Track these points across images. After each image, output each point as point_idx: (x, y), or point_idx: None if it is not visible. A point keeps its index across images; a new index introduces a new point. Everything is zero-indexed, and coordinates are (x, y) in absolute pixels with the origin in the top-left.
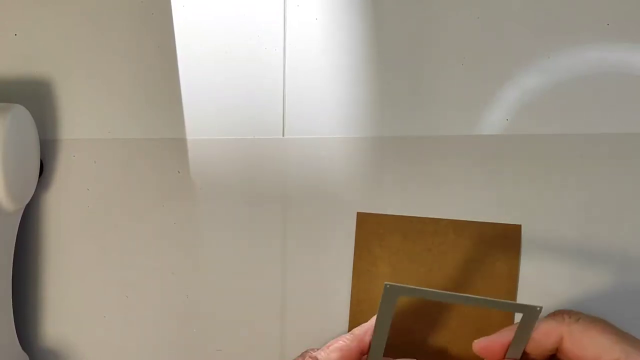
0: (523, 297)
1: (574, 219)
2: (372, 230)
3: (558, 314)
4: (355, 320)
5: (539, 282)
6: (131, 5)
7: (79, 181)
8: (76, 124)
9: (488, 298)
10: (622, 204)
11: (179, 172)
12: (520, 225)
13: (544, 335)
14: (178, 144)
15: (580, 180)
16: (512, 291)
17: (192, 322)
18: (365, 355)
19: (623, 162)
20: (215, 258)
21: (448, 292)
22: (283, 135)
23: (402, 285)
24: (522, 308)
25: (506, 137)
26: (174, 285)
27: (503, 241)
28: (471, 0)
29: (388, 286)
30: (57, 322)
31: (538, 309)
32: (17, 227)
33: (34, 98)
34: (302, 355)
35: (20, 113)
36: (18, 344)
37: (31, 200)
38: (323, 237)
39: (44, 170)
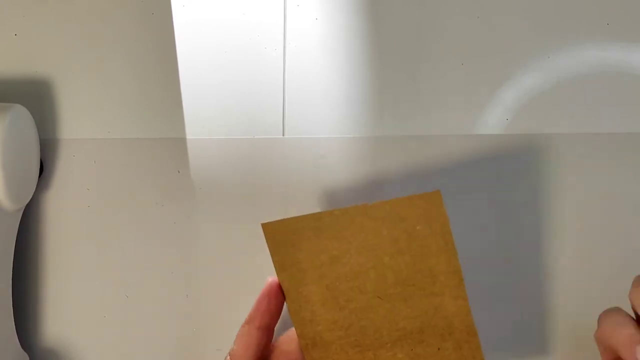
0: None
1: (574, 218)
2: (284, 238)
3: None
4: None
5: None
6: (131, 5)
7: (78, 181)
8: (76, 123)
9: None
10: (622, 204)
11: (179, 171)
12: (439, 191)
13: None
14: (178, 144)
15: (580, 180)
16: (455, 264)
17: (192, 322)
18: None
19: (623, 162)
20: (215, 258)
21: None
22: (283, 135)
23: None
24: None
25: (506, 137)
26: (174, 285)
27: (427, 213)
28: (471, 0)
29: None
30: (57, 322)
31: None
32: (17, 227)
33: (34, 98)
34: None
35: (20, 113)
36: (18, 343)
37: (31, 200)
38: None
39: (44, 170)
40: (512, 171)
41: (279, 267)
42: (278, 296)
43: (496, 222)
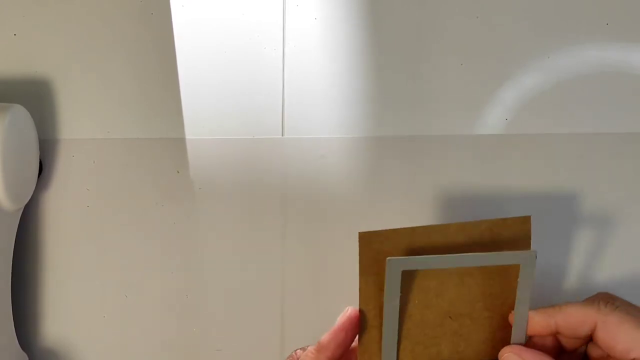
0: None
1: (574, 218)
2: (377, 250)
3: (595, 300)
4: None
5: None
6: (131, 5)
7: (78, 181)
8: (75, 123)
9: (483, 254)
10: (622, 204)
11: (178, 172)
12: (529, 217)
13: (578, 323)
14: (177, 144)
15: (580, 179)
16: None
17: (192, 322)
18: None
19: (623, 162)
20: (215, 258)
21: (447, 255)
22: (282, 135)
23: (403, 257)
24: (516, 257)
25: (506, 137)
26: (174, 285)
27: (514, 236)
28: (471, 0)
29: (390, 261)
30: (56, 322)
31: (534, 254)
32: (17, 227)
33: (34, 98)
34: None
35: (19, 113)
36: (17, 343)
37: (30, 200)
38: (323, 236)
39: (43, 170)
40: (512, 171)
41: (364, 282)
42: (355, 329)
43: None
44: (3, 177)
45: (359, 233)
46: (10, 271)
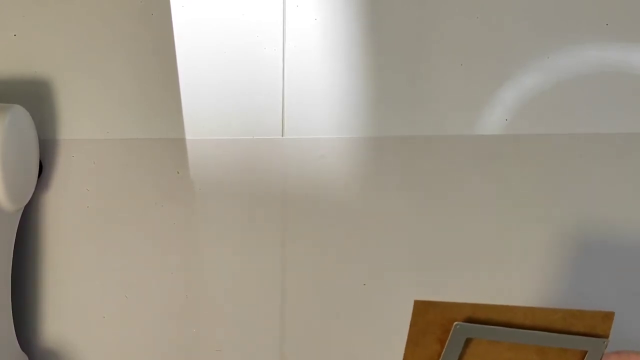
0: None
1: (574, 218)
2: (430, 321)
3: (623, 354)
4: None
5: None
6: (131, 5)
7: (78, 181)
8: (75, 124)
9: (554, 334)
10: (622, 204)
11: (178, 172)
12: (612, 313)
13: None
14: (177, 144)
15: (580, 179)
16: None
17: (192, 322)
18: None
19: (623, 162)
20: (215, 258)
21: (519, 330)
22: (282, 136)
23: (472, 324)
24: (588, 343)
25: (506, 137)
26: (174, 285)
27: (589, 332)
28: (471, 1)
29: (458, 326)
30: (56, 322)
31: (604, 342)
32: (17, 227)
33: (34, 98)
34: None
35: (19, 113)
36: (17, 344)
37: (30, 200)
38: (322, 236)
39: (43, 170)
40: (512, 171)
41: (410, 352)
42: None
43: (496, 221)
44: (3, 177)
45: (415, 301)
46: (10, 271)
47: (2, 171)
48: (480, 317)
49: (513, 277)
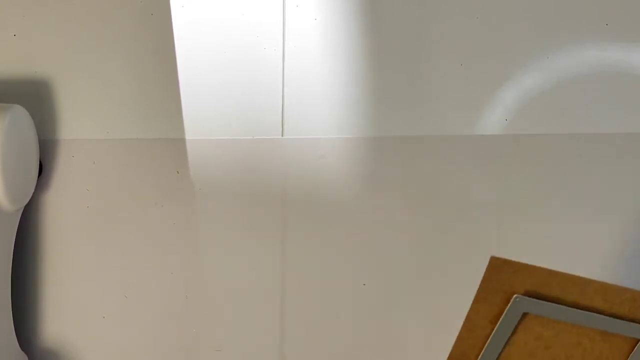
0: None
1: (574, 218)
2: (503, 281)
3: None
4: None
5: None
6: (131, 5)
7: (78, 181)
8: (75, 124)
9: (618, 320)
10: (622, 204)
11: (178, 172)
12: None
13: None
14: (177, 144)
15: (580, 179)
16: None
17: (191, 322)
18: None
19: (623, 162)
20: (215, 258)
21: (577, 310)
22: (282, 136)
23: (533, 299)
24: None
25: (506, 137)
26: (173, 285)
27: None
28: (470, 1)
29: (517, 299)
30: (56, 322)
31: None
32: (17, 227)
33: (34, 98)
34: None
35: (19, 113)
36: (17, 344)
37: (30, 200)
38: (322, 236)
39: (43, 170)
40: (512, 171)
41: (475, 310)
42: None
43: (496, 221)
44: (3, 177)
45: (491, 257)
46: (10, 272)
47: (2, 171)
48: (553, 285)
49: None
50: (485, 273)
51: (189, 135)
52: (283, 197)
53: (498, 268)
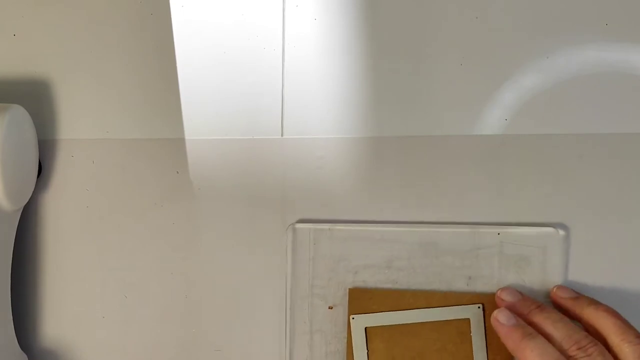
0: None
1: (574, 218)
2: (364, 306)
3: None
4: None
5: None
6: (130, 5)
7: (77, 181)
8: (75, 124)
9: (436, 309)
10: (622, 204)
11: (177, 172)
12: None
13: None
14: (177, 144)
15: (579, 180)
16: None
17: (191, 323)
18: None
19: (623, 162)
20: (215, 258)
21: (409, 310)
22: (282, 136)
23: (366, 314)
24: (465, 311)
25: (505, 137)
26: (173, 285)
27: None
28: (470, 1)
29: (353, 318)
30: (56, 323)
31: (479, 307)
32: (16, 227)
33: (33, 98)
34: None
35: (18, 113)
36: (17, 344)
37: (29, 200)
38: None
39: (43, 170)
40: (512, 171)
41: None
42: None
43: (495, 221)
44: (2, 177)
45: (349, 289)
46: (10, 272)
47: (1, 171)
48: (406, 304)
49: None
50: (348, 305)
51: (189, 135)
52: (282, 197)
53: (356, 296)
